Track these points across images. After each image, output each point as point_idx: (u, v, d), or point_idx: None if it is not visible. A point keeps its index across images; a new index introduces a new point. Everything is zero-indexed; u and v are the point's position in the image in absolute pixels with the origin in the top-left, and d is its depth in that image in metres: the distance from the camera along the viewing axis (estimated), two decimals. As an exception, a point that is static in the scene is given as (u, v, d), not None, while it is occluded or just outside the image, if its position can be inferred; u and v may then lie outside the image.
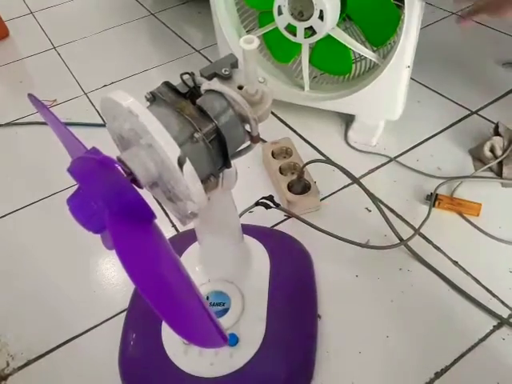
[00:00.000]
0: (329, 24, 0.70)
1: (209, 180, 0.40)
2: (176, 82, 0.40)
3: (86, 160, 0.34)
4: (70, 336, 0.64)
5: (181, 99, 0.37)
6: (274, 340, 0.55)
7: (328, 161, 0.82)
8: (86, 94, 1.11)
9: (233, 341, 0.54)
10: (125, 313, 0.64)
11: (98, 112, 1.03)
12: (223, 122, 0.37)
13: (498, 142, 0.79)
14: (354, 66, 0.81)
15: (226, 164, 0.40)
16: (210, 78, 0.39)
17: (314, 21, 0.70)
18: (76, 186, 0.34)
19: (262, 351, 0.54)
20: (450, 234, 0.70)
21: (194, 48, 1.22)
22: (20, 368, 0.62)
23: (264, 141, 0.85)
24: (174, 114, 0.36)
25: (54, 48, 1.30)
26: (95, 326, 0.65)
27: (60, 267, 0.73)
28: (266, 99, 0.40)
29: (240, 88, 0.40)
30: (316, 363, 0.57)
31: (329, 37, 0.74)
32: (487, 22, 1.15)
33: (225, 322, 0.56)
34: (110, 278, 0.71)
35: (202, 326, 0.31)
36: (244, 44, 0.36)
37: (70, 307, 0.68)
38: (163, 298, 0.28)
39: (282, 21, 0.74)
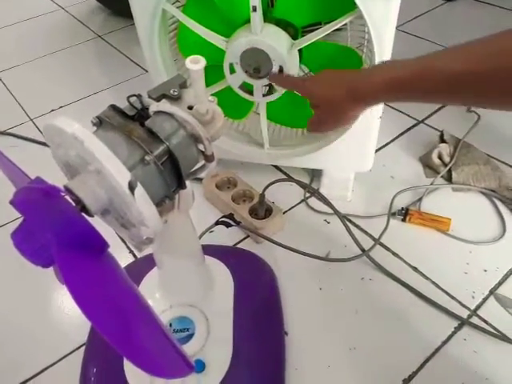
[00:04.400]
0: None
1: (164, 202, 0.39)
2: (124, 105, 0.38)
3: (30, 190, 0.32)
4: (25, 378, 0.60)
5: (129, 122, 0.36)
6: (242, 361, 0.54)
7: (288, 178, 0.82)
8: (31, 119, 1.06)
9: (199, 367, 0.52)
10: (83, 347, 0.61)
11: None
12: (175, 142, 0.36)
13: (445, 149, 0.82)
14: None
15: (181, 185, 0.39)
16: (158, 99, 0.38)
17: None
18: (21, 219, 0.32)
19: (230, 375, 0.53)
20: (408, 240, 0.72)
21: (144, 69, 1.20)
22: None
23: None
24: (122, 137, 0.35)
25: (-4, 74, 1.25)
26: (52, 365, 0.61)
27: (11, 304, 0.69)
28: (218, 118, 0.39)
29: (190, 108, 0.39)
30: (286, 381, 0.56)
31: (287, 91, 0.66)
32: (426, 35, 1.21)
33: (190, 348, 0.54)
34: (66, 311, 0.67)
35: (165, 355, 0.29)
36: (190, 64, 0.35)
37: (24, 346, 0.63)
38: (120, 332, 0.26)
39: (235, 79, 0.65)
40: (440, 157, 0.82)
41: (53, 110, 1.08)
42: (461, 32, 1.23)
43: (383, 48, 0.61)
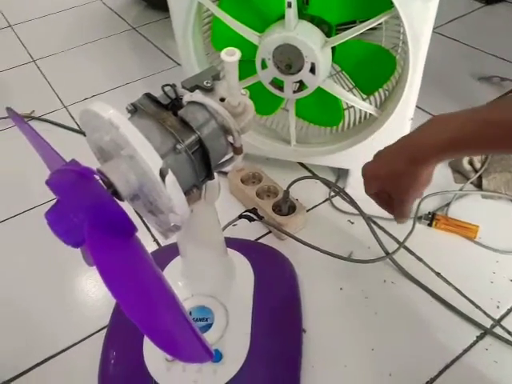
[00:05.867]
0: (321, 77, 0.63)
1: (191, 192, 0.39)
2: (158, 95, 0.39)
3: (66, 172, 0.33)
4: (48, 355, 0.62)
5: (162, 111, 0.37)
6: (259, 355, 0.54)
7: (314, 176, 0.82)
8: (65, 107, 1.09)
9: (217, 357, 0.53)
10: (105, 330, 0.62)
11: (77, 125, 1.02)
12: (206, 133, 0.37)
13: (476, 155, 0.80)
14: (344, 116, 0.74)
15: (209, 175, 0.40)
16: (191, 90, 0.39)
17: (304, 74, 0.63)
18: (54, 200, 0.33)
19: (246, 367, 0.53)
20: (434, 246, 0.71)
21: (175, 62, 1.22)
22: (-6, 390, 0.59)
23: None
24: (155, 125, 0.36)
25: (34, 61, 1.28)
26: (74, 344, 0.63)
27: (38, 284, 0.71)
28: (249, 111, 0.40)
29: (222, 100, 0.39)
30: (301, 378, 0.56)
31: (318, 88, 0.66)
32: (462, 39, 1.19)
33: (208, 337, 0.55)
34: (90, 294, 0.69)
35: (186, 340, 0.30)
36: (226, 56, 0.35)
37: (48, 325, 0.66)
38: (145, 312, 0.27)
39: (266, 75, 0.66)
40: (471, 163, 0.80)
41: (86, 99, 1.10)
42: (499, 36, 1.19)
43: (418, 50, 0.60)
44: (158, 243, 0.75)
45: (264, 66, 0.65)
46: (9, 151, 0.97)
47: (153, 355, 0.55)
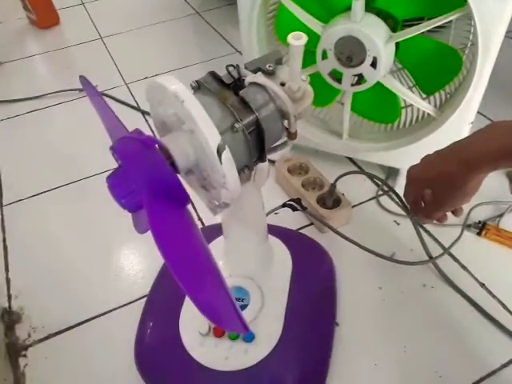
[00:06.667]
0: (382, 72, 0.62)
1: (243, 172, 0.40)
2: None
3: (130, 140, 0.35)
4: (90, 316, 0.66)
5: (224, 89, 0.38)
6: (290, 341, 0.55)
7: (361, 171, 0.81)
8: (126, 84, 1.13)
9: (249, 337, 0.54)
10: (144, 299, 0.65)
11: (136, 103, 1.06)
12: (264, 114, 0.38)
13: (538, 167, 0.76)
14: (401, 114, 0.72)
15: (262, 158, 0.41)
16: (254, 72, 0.40)
17: (364, 68, 0.62)
18: (106, 173, 0.35)
19: (276, 351, 0.54)
20: (480, 255, 0.68)
21: (235, 48, 1.23)
22: (40, 340, 0.63)
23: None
24: (217, 103, 0.37)
25: (101, 38, 1.34)
26: (114, 309, 0.66)
27: (86, 250, 0.75)
28: (307, 97, 0.40)
29: (282, 84, 0.40)
30: (329, 370, 0.57)
31: (377, 83, 0.65)
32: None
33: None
34: (134, 263, 0.72)
35: (225, 309, 0.31)
36: (292, 40, 0.36)
37: (92, 288, 0.69)
38: (191, 277, 0.29)
39: (326, 66, 0.65)
40: (530, 174, 0.76)
41: (146, 78, 1.14)
42: None
43: (488, 53, 0.58)
44: (202, 222, 0.77)
45: (324, 56, 0.65)
46: (68, 122, 1.03)
47: (188, 328, 0.57)
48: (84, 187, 0.86)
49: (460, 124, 0.66)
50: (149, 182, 0.32)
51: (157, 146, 0.34)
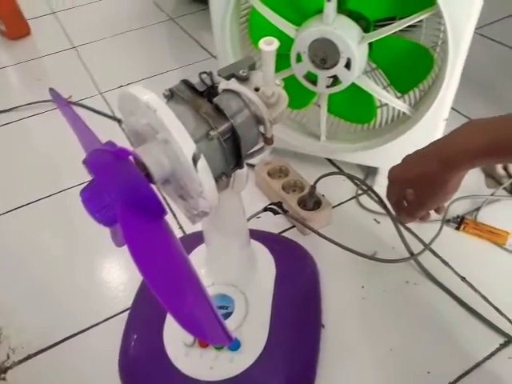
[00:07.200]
0: (356, 73, 0.63)
1: (220, 179, 0.40)
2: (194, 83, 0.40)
3: (102, 152, 0.34)
4: (72, 332, 0.64)
5: (198, 97, 0.38)
6: (276, 347, 0.55)
7: (340, 171, 0.82)
8: (101, 93, 1.12)
9: (235, 345, 0.54)
10: (127, 313, 0.64)
11: (112, 112, 1.04)
12: (239, 121, 0.37)
13: (512, 161, 0.78)
14: (377, 113, 0.73)
15: (239, 164, 0.41)
16: (227, 78, 0.40)
17: (338, 69, 0.62)
18: (84, 184, 0.34)
19: (262, 358, 0.53)
20: (460, 250, 0.70)
21: (210, 54, 1.23)
22: (20, 362, 0.61)
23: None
24: (190, 111, 0.36)
25: (74, 47, 1.32)
26: (97, 324, 0.65)
27: (65, 264, 0.74)
28: (282, 102, 0.40)
29: (256, 90, 0.40)
30: (317, 374, 0.57)
31: (352, 84, 0.65)
32: (506, 41, 1.15)
33: (227, 325, 0.55)
34: (115, 276, 0.71)
35: (207, 320, 0.30)
36: (264, 45, 0.36)
37: (73, 304, 0.68)
38: (170, 290, 0.28)
39: (300, 68, 0.65)
40: (506, 168, 0.78)
41: (121, 86, 1.13)
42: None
43: (459, 50, 0.59)
44: (183, 230, 0.76)
45: (299, 59, 0.65)
46: (42, 134, 1.01)
47: (173, 340, 0.56)
48: (62, 200, 0.84)
49: (435, 121, 0.67)
50: (123, 195, 0.31)
51: (131, 157, 0.33)
